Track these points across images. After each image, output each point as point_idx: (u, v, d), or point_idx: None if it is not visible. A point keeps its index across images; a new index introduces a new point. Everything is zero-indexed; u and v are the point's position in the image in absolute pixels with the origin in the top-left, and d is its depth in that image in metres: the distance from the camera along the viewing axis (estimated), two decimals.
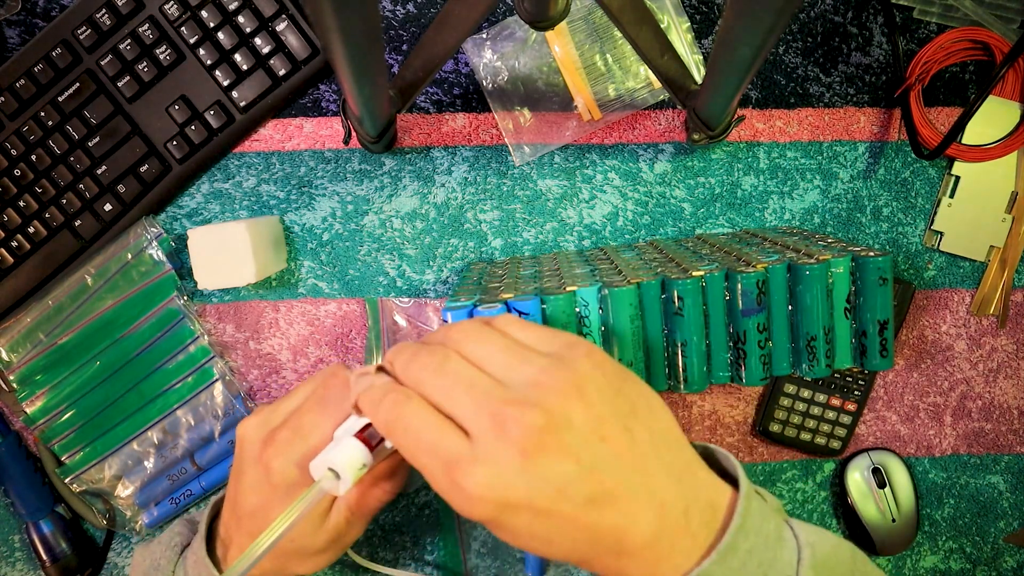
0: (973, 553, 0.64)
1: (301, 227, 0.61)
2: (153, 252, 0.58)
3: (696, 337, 0.47)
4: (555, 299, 0.45)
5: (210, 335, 0.61)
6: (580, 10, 0.59)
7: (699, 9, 0.60)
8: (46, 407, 0.59)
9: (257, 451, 0.41)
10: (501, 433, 0.31)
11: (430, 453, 0.33)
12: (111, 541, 0.62)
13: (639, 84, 0.60)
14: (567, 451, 0.32)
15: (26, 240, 0.58)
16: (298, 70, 0.58)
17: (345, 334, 0.61)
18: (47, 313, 0.58)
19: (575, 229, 0.61)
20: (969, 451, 0.63)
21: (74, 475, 0.59)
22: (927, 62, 0.59)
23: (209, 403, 0.60)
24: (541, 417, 0.31)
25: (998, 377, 0.63)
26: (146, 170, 0.58)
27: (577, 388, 0.33)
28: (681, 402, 0.62)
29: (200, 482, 0.60)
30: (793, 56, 0.61)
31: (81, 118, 0.57)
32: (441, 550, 0.63)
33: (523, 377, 0.33)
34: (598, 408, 0.33)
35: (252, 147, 0.60)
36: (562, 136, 0.60)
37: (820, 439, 0.61)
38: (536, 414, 0.32)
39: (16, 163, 0.57)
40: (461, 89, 0.61)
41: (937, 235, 0.61)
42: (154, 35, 0.57)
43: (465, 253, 0.61)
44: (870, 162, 0.61)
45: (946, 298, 0.62)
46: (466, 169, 0.61)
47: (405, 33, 0.60)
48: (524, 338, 0.36)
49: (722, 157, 0.61)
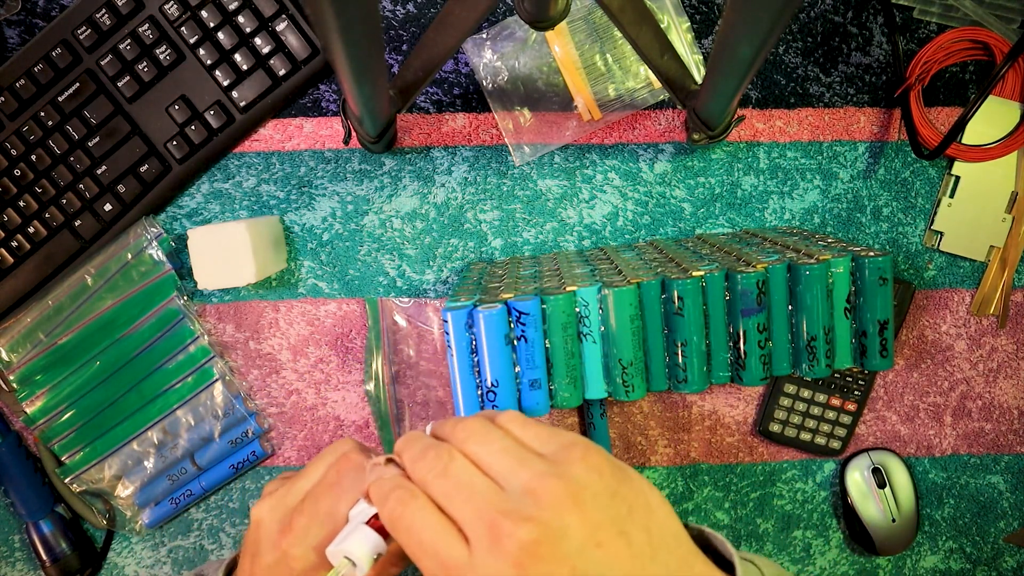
0: (973, 553, 0.64)
1: (301, 227, 0.61)
2: (153, 252, 0.58)
3: (696, 337, 0.47)
4: (555, 299, 0.45)
5: (210, 335, 0.61)
6: (580, 10, 0.59)
7: (699, 9, 0.60)
8: (46, 407, 0.59)
9: (275, 537, 0.43)
10: (497, 545, 0.32)
11: (430, 556, 0.34)
12: (111, 541, 0.62)
13: (639, 84, 0.60)
14: (562, 561, 0.32)
15: (26, 240, 0.58)
16: (298, 70, 0.58)
17: (345, 334, 0.61)
18: (47, 313, 0.58)
19: (575, 229, 0.61)
20: (969, 451, 0.63)
21: (74, 475, 0.59)
22: (927, 62, 0.59)
23: (209, 403, 0.60)
24: (536, 530, 0.32)
25: (998, 377, 0.63)
26: (146, 170, 0.58)
27: (572, 496, 0.34)
28: (681, 402, 0.62)
29: (200, 482, 0.60)
30: (793, 56, 0.61)
31: (81, 118, 0.57)
32: None
33: (521, 482, 0.34)
34: (593, 515, 0.33)
35: (252, 147, 0.60)
36: (562, 136, 0.60)
37: (820, 439, 0.61)
38: (530, 528, 0.32)
39: (16, 163, 0.57)
40: (461, 89, 0.61)
41: (937, 235, 0.61)
42: (154, 35, 0.57)
43: (465, 253, 0.61)
44: (870, 162, 0.61)
45: (946, 298, 0.62)
46: (466, 169, 0.61)
47: (405, 33, 0.60)
48: (525, 437, 0.38)
49: (722, 157, 0.61)
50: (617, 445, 0.62)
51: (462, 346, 0.45)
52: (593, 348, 0.47)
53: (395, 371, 0.61)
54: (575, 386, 0.47)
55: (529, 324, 0.45)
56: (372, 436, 0.62)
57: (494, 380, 0.45)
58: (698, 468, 0.63)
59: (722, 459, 0.63)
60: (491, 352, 0.45)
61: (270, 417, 0.62)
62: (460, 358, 0.46)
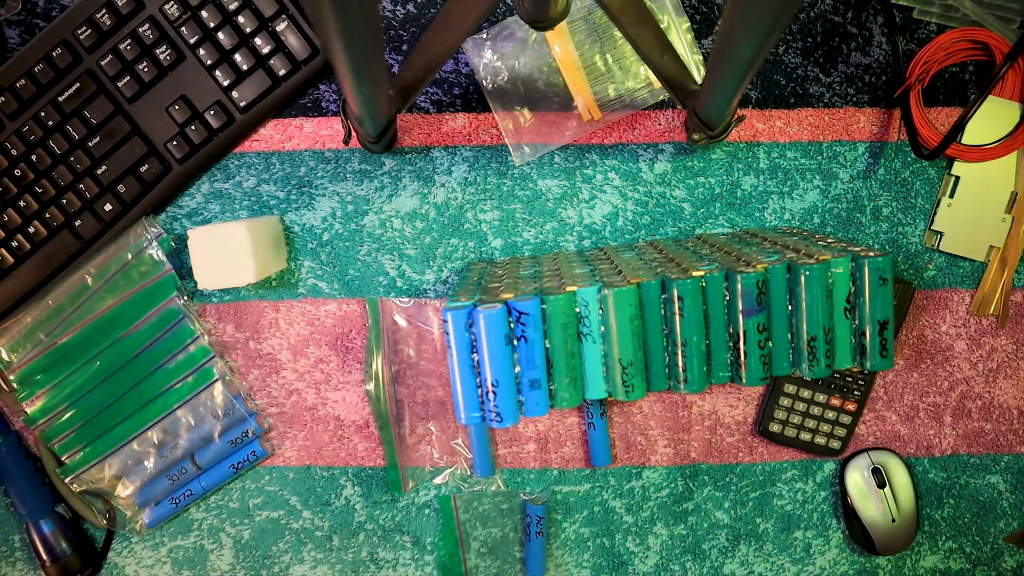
0: (973, 553, 0.64)
1: (301, 227, 0.61)
2: (153, 252, 0.58)
3: (696, 337, 0.47)
4: (555, 299, 0.45)
5: (210, 335, 0.61)
6: (580, 10, 0.59)
7: (699, 9, 0.60)
8: (46, 407, 0.59)
9: None
10: None
11: None
12: (111, 541, 0.62)
13: (639, 84, 0.60)
14: None
15: (26, 240, 0.58)
16: (298, 70, 0.58)
17: (345, 334, 0.61)
18: (47, 313, 0.58)
19: (575, 229, 0.61)
20: (969, 451, 0.63)
21: (74, 475, 0.59)
22: (927, 62, 0.59)
23: (209, 403, 0.60)
24: None
25: (998, 377, 0.63)
26: (146, 170, 0.58)
27: None
28: (681, 402, 0.62)
29: (200, 482, 0.60)
30: (793, 56, 0.61)
31: (81, 118, 0.57)
32: (441, 550, 0.63)
33: None
34: None
35: (252, 147, 0.60)
36: (562, 136, 0.60)
37: (820, 439, 0.61)
38: None
39: (16, 163, 0.57)
40: (461, 89, 0.61)
41: (937, 235, 0.61)
42: (154, 35, 0.57)
43: (465, 253, 0.61)
44: (870, 162, 0.62)
45: (946, 298, 0.62)
46: (466, 169, 0.61)
47: (405, 33, 0.60)
48: None
49: (722, 157, 0.61)
50: (617, 445, 0.62)
51: (462, 346, 0.45)
52: (593, 348, 0.47)
53: (395, 371, 0.61)
54: (575, 386, 0.47)
55: (529, 324, 0.45)
56: (372, 436, 0.62)
57: (494, 380, 0.45)
58: (698, 468, 0.63)
59: (722, 459, 0.63)
60: (491, 352, 0.45)
61: (270, 417, 0.62)
62: (460, 358, 0.46)
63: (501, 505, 0.62)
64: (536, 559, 0.62)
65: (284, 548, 0.63)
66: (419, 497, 0.62)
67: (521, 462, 0.62)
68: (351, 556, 0.63)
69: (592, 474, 0.63)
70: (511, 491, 0.62)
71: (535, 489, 0.63)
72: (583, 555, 0.63)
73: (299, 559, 0.63)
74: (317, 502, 0.62)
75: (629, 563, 0.63)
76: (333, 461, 0.62)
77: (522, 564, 0.63)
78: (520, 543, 0.63)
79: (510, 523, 0.63)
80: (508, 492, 0.62)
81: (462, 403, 0.46)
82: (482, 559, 0.63)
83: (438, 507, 0.62)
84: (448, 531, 0.62)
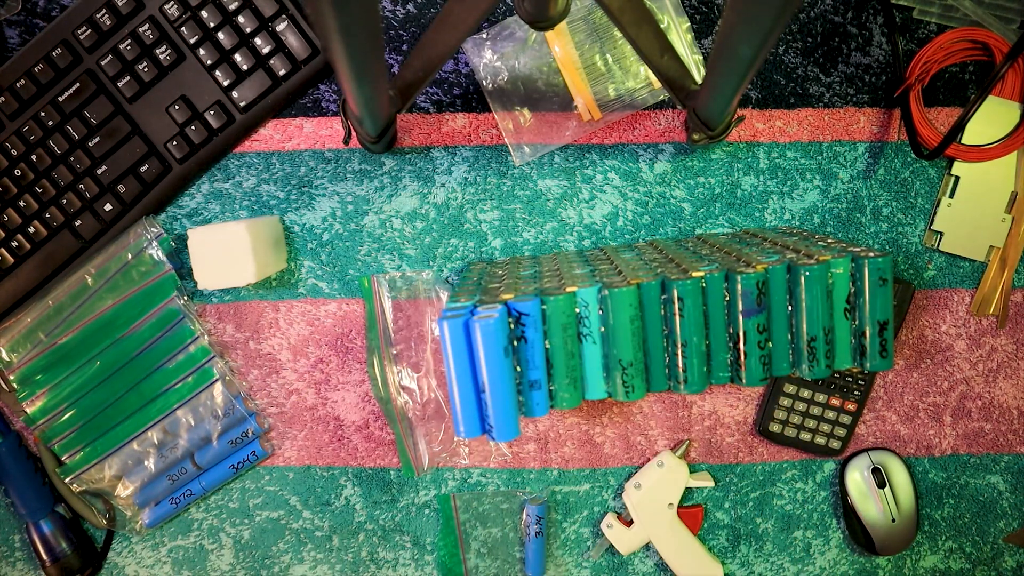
0: (973, 553, 0.64)
1: (301, 227, 0.61)
2: (153, 252, 0.58)
3: (696, 337, 0.47)
4: (555, 299, 0.45)
5: (210, 335, 0.61)
6: (580, 10, 0.59)
7: (699, 9, 0.60)
8: (46, 407, 0.59)
9: None
10: None
11: None
12: (111, 541, 0.62)
13: (639, 84, 0.60)
14: None
15: (26, 240, 0.58)
16: (298, 70, 0.58)
17: (345, 334, 0.61)
18: (47, 313, 0.58)
19: (575, 229, 0.61)
20: (969, 451, 0.63)
21: (74, 475, 0.59)
22: (927, 62, 0.59)
23: (209, 403, 0.60)
24: None
25: (998, 377, 0.63)
26: (146, 170, 0.58)
27: None
28: (681, 402, 0.62)
29: (200, 482, 0.60)
30: (793, 56, 0.61)
31: (81, 118, 0.57)
32: (441, 550, 0.63)
33: None
34: None
35: (252, 147, 0.60)
36: (562, 136, 0.60)
37: (820, 439, 0.61)
38: None
39: (16, 163, 0.57)
40: (461, 89, 0.61)
41: (937, 235, 0.61)
42: (154, 35, 0.57)
43: (465, 253, 0.61)
44: (870, 162, 0.61)
45: (946, 298, 0.62)
46: (466, 169, 0.61)
47: (405, 33, 0.60)
48: None
49: (722, 157, 0.61)
50: (617, 445, 0.62)
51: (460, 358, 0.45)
52: (593, 348, 0.47)
53: (395, 352, 0.61)
54: (575, 386, 0.47)
55: (529, 324, 0.45)
56: (372, 436, 0.62)
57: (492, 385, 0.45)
58: (698, 468, 0.63)
59: (722, 459, 0.63)
60: (488, 361, 0.44)
61: (270, 417, 0.62)
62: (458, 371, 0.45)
63: (501, 505, 0.62)
64: (536, 559, 0.62)
65: (284, 548, 0.63)
66: (419, 497, 0.62)
67: (521, 462, 0.62)
68: (351, 556, 0.63)
69: (592, 474, 0.63)
70: (511, 491, 0.62)
71: (535, 489, 0.63)
72: (583, 555, 0.63)
73: (299, 559, 0.63)
74: (317, 502, 0.62)
75: (629, 563, 0.63)
76: (333, 461, 0.62)
77: (522, 564, 0.63)
78: (520, 543, 0.63)
79: (510, 523, 0.63)
80: (508, 492, 0.62)
81: (461, 419, 0.46)
82: (482, 559, 0.63)
83: (438, 507, 0.62)
84: (448, 531, 0.62)
